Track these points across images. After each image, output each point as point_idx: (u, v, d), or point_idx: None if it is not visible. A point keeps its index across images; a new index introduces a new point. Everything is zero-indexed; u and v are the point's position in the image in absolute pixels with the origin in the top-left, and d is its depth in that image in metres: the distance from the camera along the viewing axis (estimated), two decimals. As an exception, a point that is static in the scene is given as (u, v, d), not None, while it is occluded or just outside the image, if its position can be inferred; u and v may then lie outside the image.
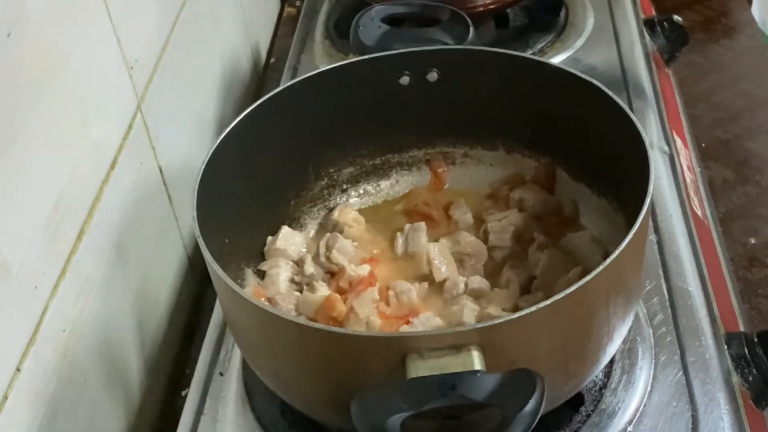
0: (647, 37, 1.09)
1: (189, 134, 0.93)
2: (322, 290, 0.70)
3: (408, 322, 0.67)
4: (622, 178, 0.67)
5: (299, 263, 0.75)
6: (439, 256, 0.72)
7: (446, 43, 0.79)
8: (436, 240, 0.74)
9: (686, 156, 0.97)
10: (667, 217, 0.83)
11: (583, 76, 0.69)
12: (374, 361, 0.53)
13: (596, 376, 0.68)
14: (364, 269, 0.72)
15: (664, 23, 1.11)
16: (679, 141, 0.96)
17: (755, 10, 1.29)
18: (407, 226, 0.76)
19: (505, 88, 0.74)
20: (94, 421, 0.71)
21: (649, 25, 1.11)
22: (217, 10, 1.05)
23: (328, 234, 0.77)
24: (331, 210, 0.80)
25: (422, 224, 0.76)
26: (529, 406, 0.49)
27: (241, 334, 0.65)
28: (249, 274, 0.74)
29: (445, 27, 0.82)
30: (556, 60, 1.01)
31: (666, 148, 0.92)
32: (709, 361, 0.70)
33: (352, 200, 0.82)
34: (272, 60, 1.25)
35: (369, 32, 0.85)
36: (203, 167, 0.65)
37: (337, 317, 0.68)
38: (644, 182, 0.59)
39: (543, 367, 0.52)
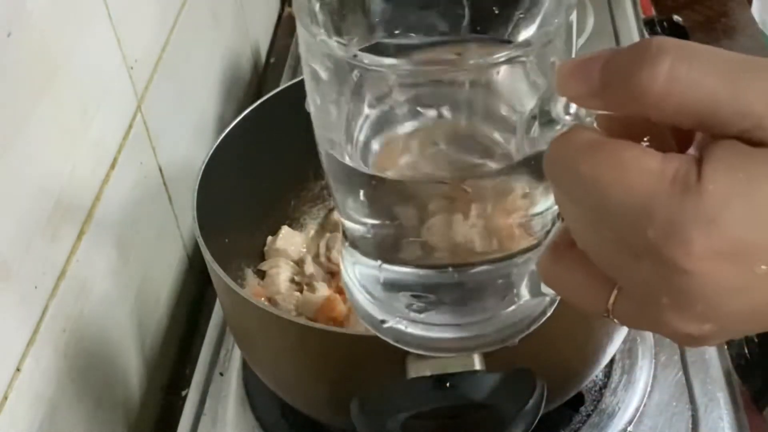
0: (647, 37, 1.09)
1: (189, 134, 0.93)
2: (322, 290, 0.70)
3: (408, 322, 0.67)
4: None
5: (299, 263, 0.75)
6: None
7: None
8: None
9: (686, 156, 0.97)
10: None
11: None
12: (374, 361, 0.53)
13: (596, 376, 0.68)
14: (364, 269, 0.72)
15: (664, 23, 1.11)
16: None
17: (755, 10, 1.29)
18: None
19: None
20: (94, 421, 0.71)
21: (649, 25, 1.11)
22: (217, 10, 1.05)
23: (328, 234, 0.77)
24: (331, 210, 0.80)
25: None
26: (529, 405, 0.49)
27: (241, 334, 0.65)
28: (249, 274, 0.74)
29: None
30: (556, 60, 1.01)
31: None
32: (709, 361, 0.70)
33: (352, 200, 0.82)
34: (272, 60, 1.24)
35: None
36: (203, 167, 0.65)
37: (337, 317, 0.68)
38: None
39: (543, 366, 0.51)
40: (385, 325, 0.40)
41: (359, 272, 0.40)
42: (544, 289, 0.35)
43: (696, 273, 0.26)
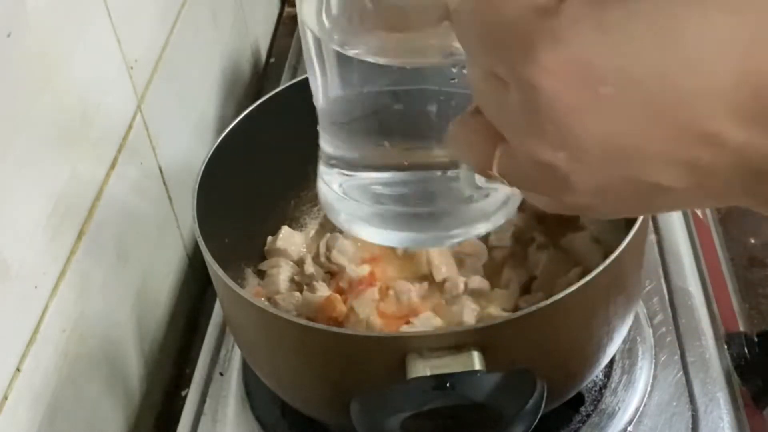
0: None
1: (189, 134, 0.93)
2: (322, 290, 0.70)
3: (408, 322, 0.67)
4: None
5: (299, 263, 0.75)
6: (438, 256, 0.72)
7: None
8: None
9: (686, 156, 0.97)
10: (667, 216, 0.83)
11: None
12: (374, 361, 0.53)
13: (596, 376, 0.68)
14: (364, 269, 0.72)
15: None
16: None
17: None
18: None
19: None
20: (94, 421, 0.71)
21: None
22: (217, 10, 1.05)
23: (328, 234, 0.77)
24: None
25: None
26: (529, 405, 0.49)
27: (241, 334, 0.65)
28: (249, 274, 0.74)
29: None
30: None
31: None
32: (709, 361, 0.70)
33: (352, 200, 0.82)
34: (272, 60, 1.25)
35: (369, 32, 0.84)
36: (203, 167, 0.65)
37: (337, 317, 0.68)
38: (644, 182, 0.59)
39: (543, 367, 0.52)
40: (346, 217, 0.46)
41: (330, 175, 0.47)
42: (479, 181, 0.39)
43: (542, 87, 0.28)
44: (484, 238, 0.75)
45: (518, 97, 0.29)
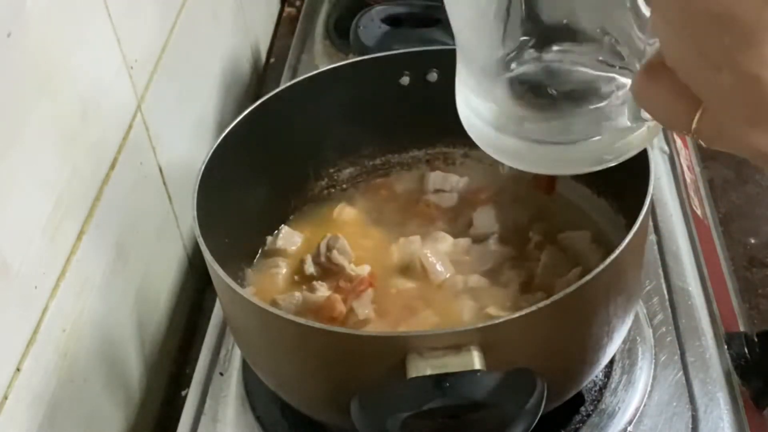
0: (647, 37, 1.09)
1: (189, 134, 0.93)
2: (322, 290, 0.70)
3: (408, 322, 0.67)
4: (622, 177, 0.67)
5: (299, 263, 0.75)
6: (436, 257, 0.72)
7: (446, 43, 0.79)
8: (436, 238, 0.74)
9: (686, 156, 0.97)
10: (667, 217, 0.83)
11: (583, 76, 0.69)
12: (374, 361, 0.53)
13: (596, 376, 0.68)
14: (364, 269, 0.72)
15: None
16: (679, 141, 0.96)
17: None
18: (401, 239, 0.75)
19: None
20: (94, 421, 0.71)
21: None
22: (217, 10, 1.05)
23: (328, 234, 0.76)
24: (331, 210, 0.80)
25: (417, 237, 0.75)
26: (529, 405, 0.49)
27: (241, 334, 0.65)
28: (249, 274, 0.74)
29: (445, 27, 0.82)
30: (556, 60, 1.01)
31: (666, 148, 0.92)
32: (709, 361, 0.70)
33: (352, 200, 0.82)
34: (272, 60, 1.25)
35: (369, 32, 0.85)
36: (203, 167, 0.65)
37: (337, 317, 0.68)
38: (644, 182, 0.59)
39: (543, 366, 0.52)
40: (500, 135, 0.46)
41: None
42: (644, 114, 0.38)
43: (765, 79, 0.28)
44: (484, 238, 0.75)
45: (733, 81, 0.29)
